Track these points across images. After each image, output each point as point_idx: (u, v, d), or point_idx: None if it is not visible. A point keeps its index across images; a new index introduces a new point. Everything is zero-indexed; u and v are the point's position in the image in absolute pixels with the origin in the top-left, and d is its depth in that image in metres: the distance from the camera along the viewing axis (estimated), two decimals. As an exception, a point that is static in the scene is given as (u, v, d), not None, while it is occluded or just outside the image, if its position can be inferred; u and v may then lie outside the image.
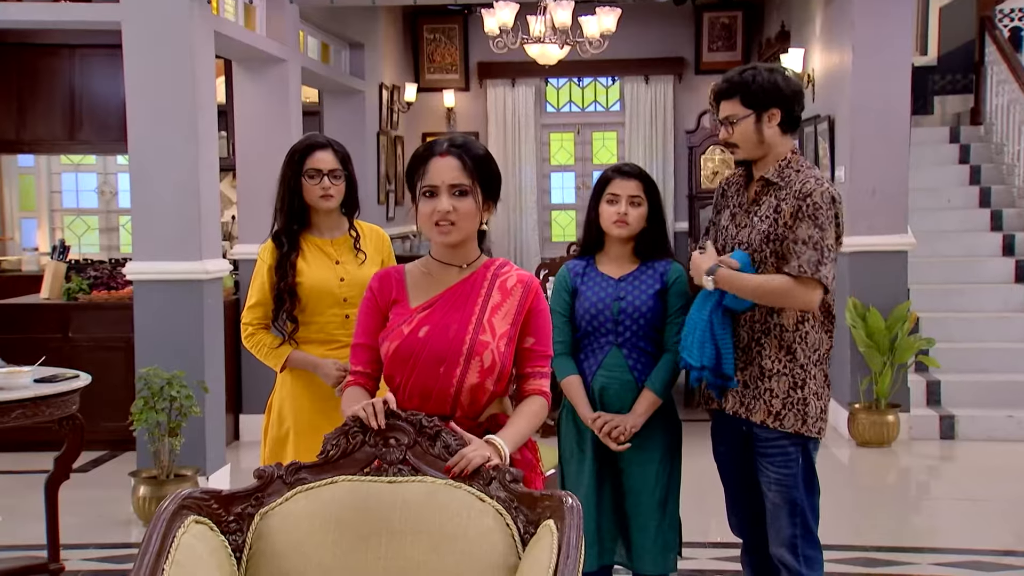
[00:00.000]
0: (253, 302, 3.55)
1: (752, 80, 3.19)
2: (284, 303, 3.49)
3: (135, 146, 5.58)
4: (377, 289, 2.65)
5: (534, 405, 2.58)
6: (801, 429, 3.19)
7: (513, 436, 2.49)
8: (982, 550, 4.90)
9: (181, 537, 2.23)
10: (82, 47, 8.80)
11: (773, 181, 3.19)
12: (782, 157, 3.21)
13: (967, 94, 9.58)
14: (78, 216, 10.64)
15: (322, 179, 3.48)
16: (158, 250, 5.57)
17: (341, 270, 3.53)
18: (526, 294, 2.59)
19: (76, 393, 4.26)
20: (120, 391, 5.97)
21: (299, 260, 3.50)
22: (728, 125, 3.21)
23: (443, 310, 2.55)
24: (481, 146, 2.62)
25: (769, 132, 3.20)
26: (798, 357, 3.19)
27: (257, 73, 7.06)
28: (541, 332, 2.61)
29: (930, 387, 7.15)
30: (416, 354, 2.51)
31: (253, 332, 3.56)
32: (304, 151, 3.50)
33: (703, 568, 4.66)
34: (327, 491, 2.39)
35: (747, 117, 3.18)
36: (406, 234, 10.44)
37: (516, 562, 2.31)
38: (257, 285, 3.54)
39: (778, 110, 3.19)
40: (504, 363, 2.53)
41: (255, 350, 3.56)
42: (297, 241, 3.52)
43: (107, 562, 4.89)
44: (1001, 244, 8.20)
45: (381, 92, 9.76)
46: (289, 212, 3.52)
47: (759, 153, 3.22)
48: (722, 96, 3.23)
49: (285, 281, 3.47)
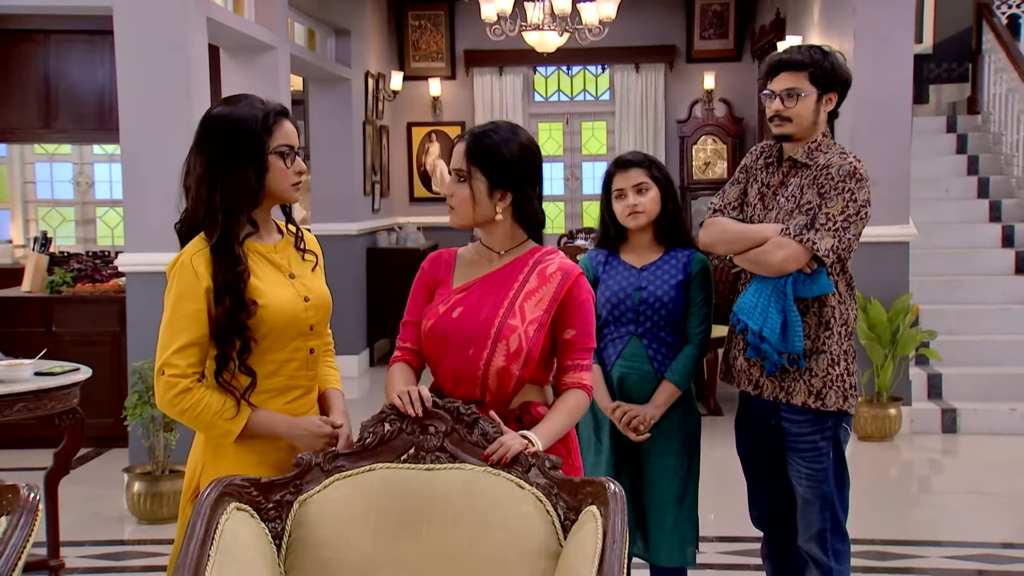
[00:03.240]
0: (185, 341, 2.40)
1: (823, 59, 3.18)
2: (235, 347, 2.43)
3: (127, 136, 5.46)
4: (428, 268, 2.69)
5: (572, 399, 2.58)
6: (844, 406, 3.21)
7: (548, 432, 2.50)
8: (987, 543, 4.90)
9: (224, 524, 2.23)
10: (57, 33, 8.63)
11: (801, 162, 3.20)
12: (813, 139, 3.21)
13: (963, 83, 9.55)
14: (53, 207, 10.44)
15: (295, 159, 2.53)
16: (151, 241, 5.42)
17: (301, 287, 2.56)
18: (564, 282, 2.58)
19: (77, 387, 4.20)
20: (106, 386, 5.84)
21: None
22: (788, 98, 3.17)
23: (479, 293, 2.58)
24: (502, 136, 2.55)
25: (822, 115, 3.20)
26: (835, 333, 3.19)
27: (246, 61, 6.91)
28: (582, 323, 2.60)
29: (931, 380, 7.09)
30: (448, 335, 2.54)
31: (189, 387, 2.40)
32: (275, 119, 2.50)
33: (713, 563, 4.62)
34: (365, 479, 2.40)
35: (811, 95, 3.16)
36: (391, 226, 10.30)
37: (557, 549, 2.33)
38: (187, 314, 2.41)
39: (836, 95, 3.22)
40: (531, 348, 2.52)
41: (192, 414, 2.41)
42: (241, 250, 2.48)
43: (104, 559, 4.81)
44: (1000, 235, 8.15)
45: (367, 80, 9.59)
46: (237, 207, 2.46)
47: (807, 133, 3.21)
48: (790, 67, 3.19)
49: (246, 311, 2.42)
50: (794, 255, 3.09)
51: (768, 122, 3.28)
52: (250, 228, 2.51)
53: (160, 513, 5.17)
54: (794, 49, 3.26)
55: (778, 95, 3.18)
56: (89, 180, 10.46)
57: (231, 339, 2.43)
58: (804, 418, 3.21)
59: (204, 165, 2.46)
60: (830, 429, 3.22)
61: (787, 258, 3.10)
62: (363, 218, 9.31)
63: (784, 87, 3.17)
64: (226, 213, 2.44)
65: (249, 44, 6.73)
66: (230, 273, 2.42)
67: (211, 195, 2.44)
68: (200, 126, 2.52)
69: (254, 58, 6.88)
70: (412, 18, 11.02)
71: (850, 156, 3.18)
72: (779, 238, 3.11)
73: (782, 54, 3.27)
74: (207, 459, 2.52)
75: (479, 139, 2.55)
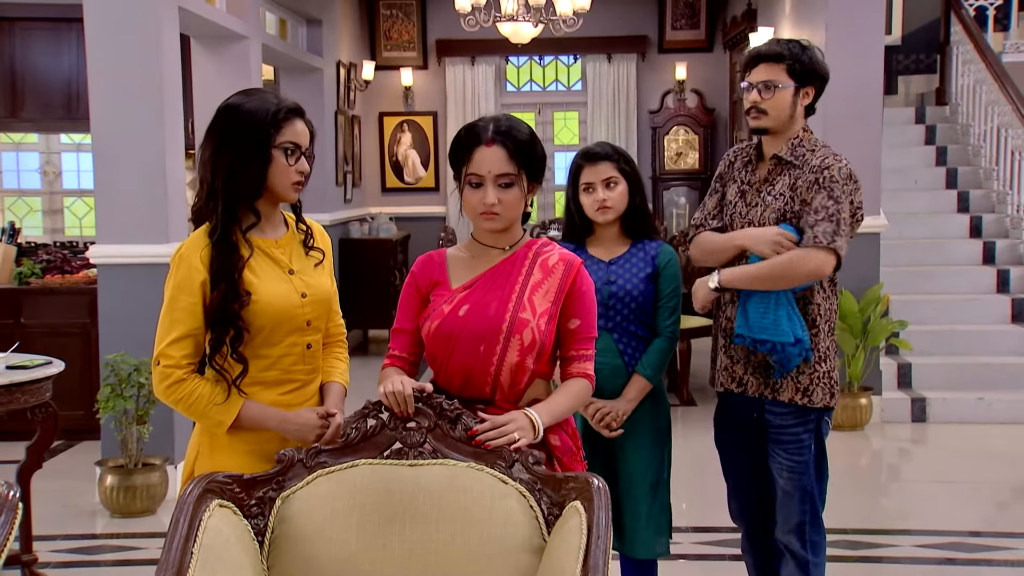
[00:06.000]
0: (180, 332, 2.45)
1: (802, 52, 3.16)
2: (229, 333, 2.47)
3: (98, 126, 5.38)
4: (419, 272, 2.64)
5: (576, 385, 2.57)
6: (830, 403, 3.22)
7: (551, 411, 2.49)
8: (956, 531, 4.95)
9: (207, 521, 2.22)
10: (22, 20, 8.50)
11: (787, 160, 3.17)
12: (795, 135, 3.18)
13: (932, 74, 9.60)
14: (19, 197, 10.30)
15: (300, 158, 2.56)
16: (123, 233, 5.39)
17: (299, 282, 2.58)
18: (567, 272, 2.56)
19: (50, 380, 4.16)
20: (77, 379, 5.77)
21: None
22: (766, 89, 3.15)
23: (483, 289, 2.54)
24: (525, 128, 2.56)
25: (799, 109, 3.18)
26: (821, 330, 3.19)
27: (217, 50, 6.86)
28: (585, 313, 2.58)
29: (901, 370, 7.15)
30: (456, 333, 2.50)
31: (183, 378, 2.47)
32: (285, 115, 2.53)
33: (687, 553, 4.65)
34: (348, 475, 2.40)
35: (788, 87, 3.14)
36: (363, 216, 10.26)
37: (541, 544, 2.33)
38: (183, 306, 2.46)
39: (813, 89, 3.19)
40: (544, 341, 2.51)
41: (186, 404, 2.48)
42: (241, 239, 2.53)
43: (76, 553, 4.77)
44: (968, 226, 8.22)
45: (339, 70, 9.55)
46: (235, 195, 2.50)
47: (783, 127, 3.18)
48: (769, 59, 3.16)
49: (239, 301, 2.46)
50: (827, 262, 3.07)
51: (745, 114, 3.28)
52: (253, 218, 2.54)
53: (133, 506, 5.13)
54: (773, 41, 3.25)
55: (755, 87, 3.16)
56: (56, 170, 10.33)
57: (224, 326, 2.47)
58: (788, 411, 3.22)
59: (211, 150, 2.52)
60: (813, 422, 3.23)
61: (820, 265, 3.06)
62: (335, 208, 9.27)
63: (761, 79, 3.15)
64: (226, 200, 2.48)
65: (221, 33, 6.68)
66: (225, 261, 2.46)
67: (213, 179, 2.50)
68: (215, 113, 2.57)
69: (225, 48, 6.83)
70: (384, 7, 10.98)
71: (841, 157, 3.15)
72: (804, 250, 3.05)
73: (761, 46, 3.25)
74: (202, 448, 2.57)
75: (513, 138, 2.50)
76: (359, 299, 9.03)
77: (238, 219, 2.52)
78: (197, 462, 2.56)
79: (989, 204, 8.39)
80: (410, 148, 11.06)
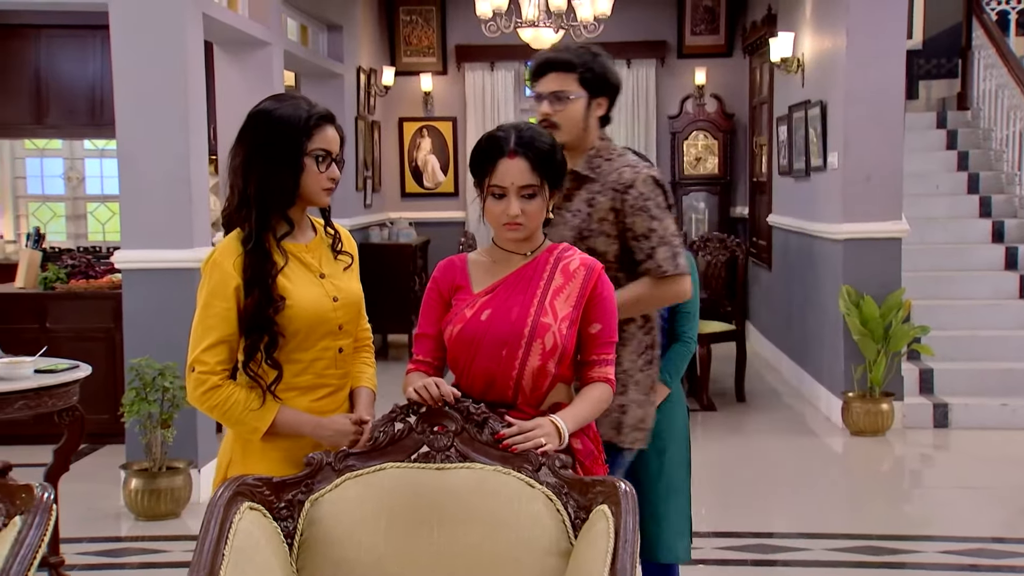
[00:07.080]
0: (215, 339, 2.45)
1: (593, 60, 2.98)
2: (264, 339, 2.47)
3: (123, 132, 5.43)
4: (440, 277, 2.64)
5: (597, 391, 2.57)
6: (615, 439, 3.02)
7: (575, 417, 2.50)
8: (979, 537, 4.93)
9: (238, 523, 2.24)
10: (48, 28, 8.61)
11: (584, 175, 2.99)
12: (590, 148, 3.01)
13: (953, 79, 9.56)
14: (44, 203, 10.39)
15: (330, 164, 2.55)
16: (148, 238, 5.43)
17: (330, 286, 2.58)
18: (589, 277, 2.57)
19: (77, 384, 4.20)
20: (102, 383, 5.78)
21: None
22: (556, 101, 2.94)
23: (505, 294, 2.55)
24: (547, 137, 2.58)
25: (592, 121, 3.00)
26: (622, 361, 2.96)
27: (240, 56, 6.88)
28: (607, 318, 2.59)
29: (923, 375, 7.13)
30: (478, 338, 2.51)
31: (218, 384, 2.46)
32: (316, 122, 2.51)
33: (707, 558, 4.64)
34: (376, 478, 2.41)
35: (580, 97, 2.96)
36: (383, 221, 10.29)
37: (568, 547, 2.34)
38: (216, 312, 2.46)
39: (606, 101, 3.01)
40: (566, 345, 2.51)
41: (221, 410, 2.47)
42: (275, 246, 2.52)
43: (102, 556, 4.81)
44: (991, 231, 8.17)
45: (359, 76, 9.59)
46: (268, 203, 2.49)
47: (577, 140, 2.98)
48: (559, 68, 2.96)
49: (274, 305, 2.46)
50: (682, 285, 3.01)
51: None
52: (286, 227, 2.55)
53: (157, 509, 5.17)
54: (562, 48, 3.06)
55: (545, 98, 2.95)
56: (80, 175, 10.41)
57: (259, 331, 2.46)
58: None
59: (243, 157, 2.51)
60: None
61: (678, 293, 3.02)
62: (355, 214, 9.30)
63: (552, 89, 2.94)
64: (259, 207, 2.48)
65: (243, 40, 6.71)
66: (259, 267, 2.46)
67: (245, 186, 2.50)
68: (246, 118, 2.56)
69: (248, 54, 6.86)
70: (403, 13, 11.01)
71: (639, 165, 3.00)
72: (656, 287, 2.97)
73: (550, 53, 3.05)
74: (235, 455, 2.57)
75: (538, 150, 2.50)
76: (378, 304, 8.99)
77: (272, 227, 2.51)
78: (230, 469, 2.56)
79: (1011, 209, 8.35)
80: (429, 153, 11.09)
